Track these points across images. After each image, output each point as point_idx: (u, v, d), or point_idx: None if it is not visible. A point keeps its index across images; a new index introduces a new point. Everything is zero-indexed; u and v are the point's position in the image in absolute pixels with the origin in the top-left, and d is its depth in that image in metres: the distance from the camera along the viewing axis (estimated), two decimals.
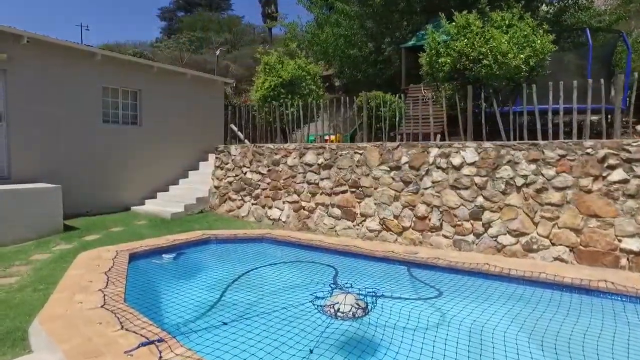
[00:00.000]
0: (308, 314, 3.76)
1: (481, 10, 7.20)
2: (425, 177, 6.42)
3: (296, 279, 5.05)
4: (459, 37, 6.34)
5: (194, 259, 6.02)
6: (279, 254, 6.36)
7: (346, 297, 3.76)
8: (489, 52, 6.02)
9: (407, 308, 4.09)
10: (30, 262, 5.36)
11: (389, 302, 4.16)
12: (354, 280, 4.99)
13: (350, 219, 7.05)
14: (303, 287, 4.70)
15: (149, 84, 9.40)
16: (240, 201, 8.51)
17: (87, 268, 4.77)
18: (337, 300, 3.74)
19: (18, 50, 7.19)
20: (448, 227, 6.21)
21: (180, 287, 4.66)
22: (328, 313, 3.65)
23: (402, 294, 4.42)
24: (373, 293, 4.05)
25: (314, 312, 3.78)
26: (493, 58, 6.01)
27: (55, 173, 7.69)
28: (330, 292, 4.08)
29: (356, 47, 13.59)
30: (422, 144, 6.53)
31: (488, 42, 6.07)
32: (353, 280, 5.00)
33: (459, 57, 6.34)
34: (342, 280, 4.95)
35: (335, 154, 7.25)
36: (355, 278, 5.09)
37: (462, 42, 6.25)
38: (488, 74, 6.20)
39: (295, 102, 8.22)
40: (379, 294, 4.09)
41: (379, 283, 4.87)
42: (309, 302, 3.99)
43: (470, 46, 6.22)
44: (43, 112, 7.60)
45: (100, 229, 7.27)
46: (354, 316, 3.64)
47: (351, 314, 3.62)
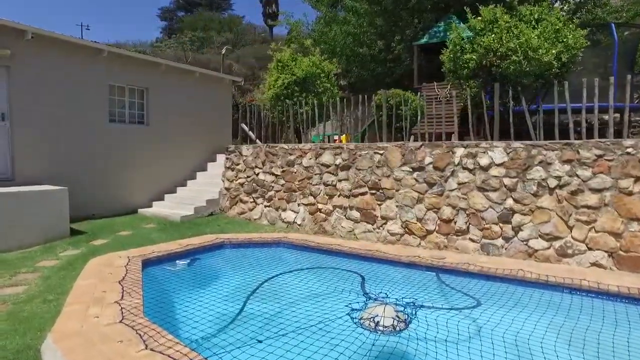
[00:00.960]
0: (347, 327, 3.45)
1: (509, 4, 6.86)
2: (451, 179, 6.13)
3: (322, 287, 4.75)
4: (486, 33, 6.05)
5: (209, 265, 5.72)
6: (298, 259, 6.06)
7: (385, 309, 3.46)
8: (519, 48, 5.74)
9: (445, 318, 3.80)
10: (37, 270, 5.05)
11: (426, 313, 3.87)
12: (382, 288, 4.70)
13: (370, 221, 6.76)
14: (331, 296, 4.41)
15: (156, 82, 9.10)
16: (252, 203, 8.21)
17: (99, 277, 4.46)
18: (376, 312, 3.44)
19: (22, 47, 6.88)
20: (475, 231, 5.92)
21: (199, 298, 4.36)
22: (367, 326, 3.36)
23: (440, 304, 4.13)
24: (412, 303, 3.76)
25: (350, 325, 3.48)
26: (523, 54, 5.72)
27: (60, 174, 7.38)
28: (365, 302, 3.78)
29: (365, 45, 13.31)
30: (446, 143, 6.24)
31: (517, 37, 5.79)
32: (381, 288, 4.71)
33: (486, 53, 6.05)
34: (371, 288, 4.65)
35: (354, 154, 6.95)
36: (384, 285, 4.79)
37: (490, 38, 5.97)
38: (516, 71, 5.91)
39: (310, 101, 7.92)
40: (417, 304, 3.79)
41: (411, 291, 4.58)
42: (345, 314, 3.69)
43: (498, 41, 5.94)
44: (47, 111, 7.29)
45: (108, 233, 6.96)
46: (395, 329, 3.35)
47: (392, 327, 3.33)
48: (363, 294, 4.27)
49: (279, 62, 8.46)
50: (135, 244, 6.25)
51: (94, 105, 8.01)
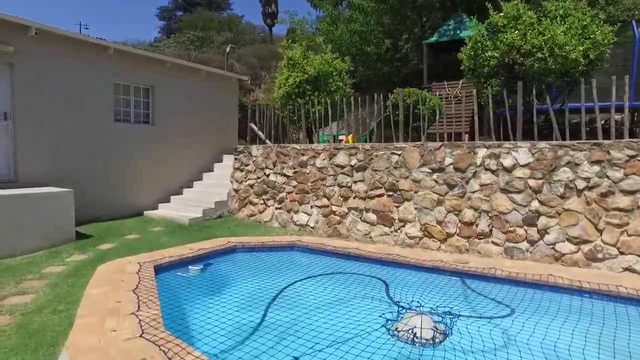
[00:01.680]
0: (385, 340, 3.22)
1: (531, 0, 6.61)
2: (472, 180, 5.92)
3: (345, 295, 4.52)
4: (509, 29, 5.84)
5: (223, 271, 5.48)
6: (314, 263, 5.83)
7: (422, 319, 3.24)
8: (544, 45, 5.53)
9: (480, 328, 3.59)
10: (44, 276, 4.80)
11: (461, 322, 3.66)
12: (408, 295, 4.49)
13: (387, 224, 6.54)
14: (358, 304, 4.19)
15: (162, 80, 8.85)
16: (262, 205, 7.97)
17: (111, 285, 4.22)
18: (413, 322, 3.22)
19: (25, 43, 6.62)
20: (498, 234, 5.71)
21: (218, 307, 4.12)
22: (404, 338, 3.14)
23: (474, 312, 3.91)
24: (448, 313, 3.54)
25: (387, 337, 3.26)
26: (548, 51, 5.52)
27: (64, 175, 7.12)
28: (398, 312, 3.56)
29: (372, 44, 13.10)
30: (467, 143, 6.03)
31: (542, 34, 5.58)
32: (407, 295, 4.50)
33: (509, 50, 5.84)
34: (397, 295, 4.44)
35: (370, 154, 6.73)
36: (409, 292, 4.57)
37: (513, 34, 5.76)
38: (541, 68, 5.70)
39: (323, 100, 7.69)
40: (454, 314, 3.58)
41: (438, 298, 4.36)
42: (380, 324, 3.47)
43: (521, 38, 5.73)
44: (51, 110, 7.03)
45: (115, 237, 6.71)
46: (434, 341, 3.13)
47: (431, 339, 3.11)
48: (395, 302, 4.03)
49: (289, 60, 8.22)
50: (144, 249, 6.01)
51: (99, 104, 7.75)
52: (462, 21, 11.19)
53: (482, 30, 6.21)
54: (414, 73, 13.40)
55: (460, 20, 11.23)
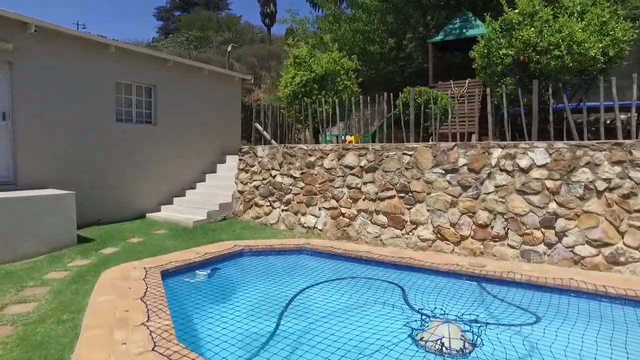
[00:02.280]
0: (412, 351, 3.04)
1: None
2: (487, 181, 5.76)
3: (361, 301, 4.34)
4: (524, 26, 5.68)
5: (231, 276, 5.29)
6: (325, 267, 5.65)
7: (450, 328, 3.07)
8: (561, 42, 5.38)
9: (507, 336, 3.42)
10: (45, 283, 4.59)
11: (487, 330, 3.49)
12: (426, 300, 4.32)
13: (398, 227, 6.37)
14: (377, 312, 4.01)
15: (164, 79, 8.65)
16: (268, 207, 7.78)
17: (117, 292, 4.03)
18: (441, 332, 3.05)
19: (25, 41, 6.41)
20: (514, 236, 5.55)
21: (229, 315, 3.93)
22: (432, 349, 2.96)
23: (499, 320, 3.74)
24: (475, 321, 3.37)
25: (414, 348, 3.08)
26: (566, 48, 5.36)
27: (65, 177, 6.92)
28: (421, 320, 3.39)
29: (376, 43, 12.93)
30: (481, 144, 5.87)
31: (559, 31, 5.43)
32: (425, 300, 4.33)
33: (524, 48, 5.68)
34: (416, 301, 4.27)
35: (380, 155, 6.56)
36: (427, 298, 4.41)
37: (529, 31, 5.60)
38: (558, 66, 5.55)
39: (331, 99, 7.51)
40: (481, 322, 3.40)
41: (460, 305, 4.19)
42: (405, 334, 3.29)
43: (537, 35, 5.58)
44: (51, 109, 6.82)
45: (118, 240, 6.50)
46: (463, 352, 2.96)
47: (460, 350, 2.94)
48: (417, 310, 3.84)
49: (296, 58, 8.04)
50: (148, 253, 5.81)
51: (100, 104, 7.55)
52: (468, 20, 11.04)
53: (496, 28, 6.05)
54: (418, 72, 13.26)
55: (466, 18, 11.08)
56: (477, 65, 6.63)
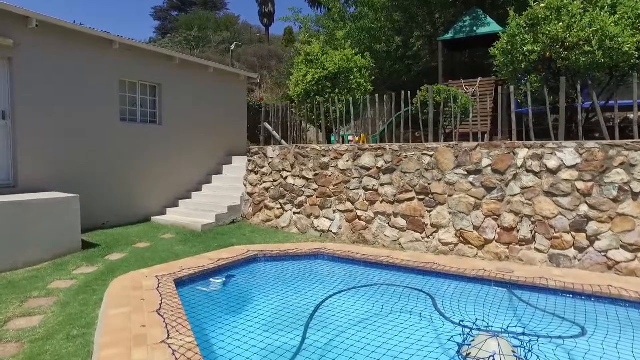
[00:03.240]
0: None
1: None
2: (513, 183, 5.51)
3: (390, 310, 4.08)
4: (551, 21, 5.44)
5: (247, 284, 5.01)
6: (345, 274, 5.38)
7: (500, 343, 2.81)
8: (592, 37, 5.14)
9: (553, 349, 3.17)
10: (51, 293, 4.29)
11: (536, 344, 3.23)
12: (460, 310, 4.07)
13: (418, 230, 6.11)
14: (407, 323, 3.75)
15: (169, 77, 8.36)
16: (279, 210, 7.50)
17: (130, 304, 3.74)
18: (490, 347, 2.79)
19: (25, 36, 6.10)
20: (542, 240, 5.31)
21: (252, 328, 3.66)
22: None
23: (545, 332, 3.48)
24: (523, 334, 3.11)
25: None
26: (598, 43, 5.13)
27: (67, 179, 6.61)
28: (464, 333, 3.13)
29: (382, 41, 12.69)
30: (506, 144, 5.63)
31: (590, 25, 5.19)
32: (460, 310, 4.08)
33: (551, 43, 5.44)
34: (449, 311, 4.01)
35: (398, 156, 6.30)
36: (460, 307, 4.15)
37: (557, 26, 5.36)
38: (587, 63, 5.31)
39: (344, 98, 7.25)
40: (529, 334, 3.15)
41: (492, 313, 3.95)
42: (448, 349, 3.03)
43: (565, 30, 5.34)
44: (53, 108, 6.51)
45: (124, 246, 6.20)
46: None
47: None
48: (459, 323, 3.56)
49: (307, 55, 7.76)
50: (157, 259, 5.52)
51: (104, 103, 7.24)
52: (478, 17, 10.82)
53: (521, 23, 5.80)
54: (425, 71, 13.04)
55: (477, 16, 10.86)
56: (498, 63, 6.38)
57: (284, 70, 18.23)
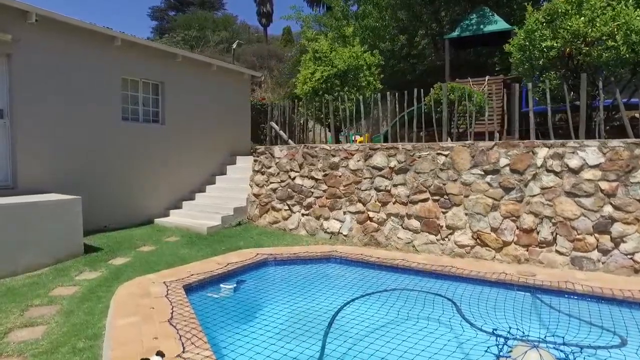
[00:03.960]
0: None
1: None
2: (532, 183, 5.33)
3: (412, 317, 3.88)
4: (572, 15, 5.26)
5: (258, 290, 4.79)
6: (359, 278, 5.17)
7: (541, 355, 2.61)
8: (617, 31, 4.96)
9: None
10: (53, 301, 4.06)
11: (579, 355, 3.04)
12: (487, 316, 3.87)
13: (432, 232, 5.92)
14: (433, 331, 3.55)
15: (172, 75, 8.13)
16: (287, 211, 7.28)
17: (139, 313, 3.51)
18: (530, 359, 2.59)
19: (25, 31, 5.86)
20: (564, 242, 5.12)
21: (270, 337, 3.44)
22: None
23: (585, 342, 3.28)
24: (563, 344, 2.91)
25: None
26: (622, 38, 4.95)
27: (68, 180, 6.37)
28: (499, 343, 2.93)
29: (386, 40, 12.50)
30: (525, 143, 5.44)
31: (614, 19, 5.02)
32: (481, 315, 3.88)
33: (572, 39, 5.26)
34: (475, 317, 3.80)
35: (412, 155, 6.11)
36: (487, 313, 3.96)
37: (578, 21, 5.18)
38: (611, 58, 5.13)
39: (354, 96, 7.05)
40: (570, 344, 2.95)
41: (522, 320, 3.75)
42: None
43: (587, 25, 5.16)
44: (53, 106, 6.27)
45: (127, 249, 5.97)
46: None
47: None
48: (492, 332, 3.34)
49: (315, 52, 7.55)
50: (163, 264, 5.29)
51: (106, 101, 7.01)
52: (485, 15, 10.66)
53: (539, 18, 5.62)
54: (430, 70, 12.86)
55: (483, 14, 10.70)
56: (514, 59, 6.20)
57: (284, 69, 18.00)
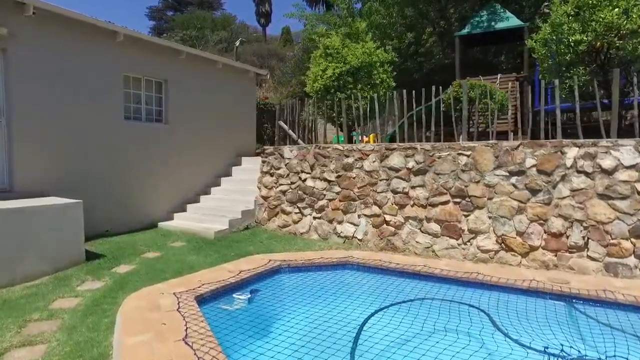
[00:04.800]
0: None
1: None
2: (561, 184, 5.05)
3: (445, 330, 3.58)
4: (604, 7, 4.98)
5: (275, 300, 4.47)
6: (378, 285, 4.87)
7: None
8: None
9: None
10: (53, 315, 3.73)
11: None
12: (519, 328, 3.58)
13: (453, 236, 5.63)
14: (471, 346, 3.25)
15: (176, 73, 7.80)
16: (297, 214, 6.97)
17: (149, 329, 3.19)
18: None
19: (22, 25, 5.53)
20: (596, 247, 4.84)
21: (295, 356, 3.13)
22: None
23: None
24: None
25: None
26: None
27: (68, 183, 6.04)
28: None
29: (393, 37, 12.21)
30: (552, 142, 5.16)
31: None
32: (519, 328, 3.59)
33: (605, 32, 4.98)
34: (515, 332, 3.51)
35: (431, 156, 5.81)
36: (519, 325, 3.67)
37: (612, 13, 4.90)
38: None
39: (368, 94, 6.75)
40: None
41: (565, 335, 3.46)
42: None
43: (620, 17, 4.88)
44: (53, 105, 5.94)
45: (131, 256, 5.64)
46: None
47: None
48: (544, 350, 3.05)
49: (326, 48, 7.24)
50: (171, 272, 4.97)
51: (107, 100, 6.67)
52: (496, 12, 10.41)
53: (568, 11, 5.33)
54: (438, 68, 12.60)
55: (494, 10, 10.45)
56: (539, 55, 5.91)
57: (286, 68, 17.72)
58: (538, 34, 5.88)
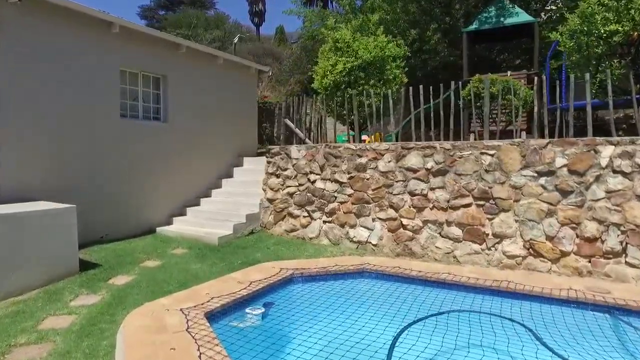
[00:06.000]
0: None
1: None
2: (595, 185, 4.71)
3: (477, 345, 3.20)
4: None
5: (290, 315, 4.04)
6: (400, 295, 4.48)
7: None
8: None
9: None
10: (43, 337, 3.28)
11: None
12: (556, 341, 3.25)
13: (477, 241, 5.27)
14: None
15: (175, 68, 7.36)
16: (306, 218, 6.57)
17: (156, 355, 2.77)
18: None
19: (8, 13, 5.05)
20: (636, 253, 4.51)
21: None
22: None
23: None
24: None
25: None
26: None
27: (60, 186, 5.58)
28: None
29: (396, 34, 11.85)
30: (584, 140, 4.82)
31: None
32: (556, 341, 3.25)
33: None
34: (556, 347, 3.15)
35: (452, 155, 5.45)
36: (557, 337, 3.33)
37: None
38: None
39: (381, 90, 6.37)
40: None
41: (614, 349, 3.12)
42: None
43: None
44: (42, 101, 5.47)
45: (130, 264, 5.19)
46: None
47: None
48: None
49: (336, 42, 6.85)
50: (175, 283, 4.55)
51: (102, 96, 6.21)
52: (504, 7, 10.11)
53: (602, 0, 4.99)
54: (443, 66, 12.27)
55: (502, 6, 10.14)
56: (567, 48, 5.57)
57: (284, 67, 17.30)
58: (564, 25, 5.56)
